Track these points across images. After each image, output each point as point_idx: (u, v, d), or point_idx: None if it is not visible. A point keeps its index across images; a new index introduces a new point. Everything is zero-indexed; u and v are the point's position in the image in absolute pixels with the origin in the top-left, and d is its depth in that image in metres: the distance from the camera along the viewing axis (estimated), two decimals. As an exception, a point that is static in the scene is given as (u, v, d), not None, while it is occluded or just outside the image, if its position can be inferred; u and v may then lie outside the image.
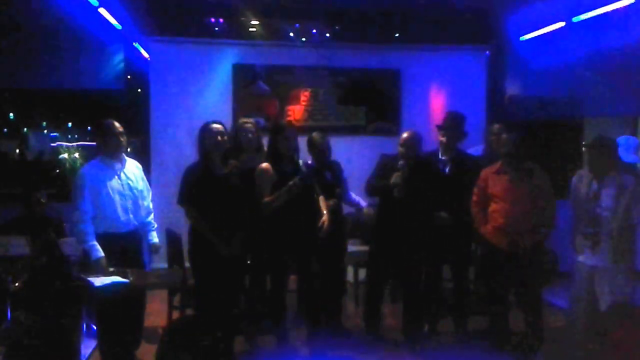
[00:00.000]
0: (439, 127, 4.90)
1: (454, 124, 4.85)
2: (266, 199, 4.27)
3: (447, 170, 4.84)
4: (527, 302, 4.67)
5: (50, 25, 7.30)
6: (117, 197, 4.33)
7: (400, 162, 4.55)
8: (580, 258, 4.23)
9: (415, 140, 4.63)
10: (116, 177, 4.37)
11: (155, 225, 4.66)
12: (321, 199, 4.54)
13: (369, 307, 4.92)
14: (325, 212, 4.50)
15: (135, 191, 4.45)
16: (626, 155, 4.60)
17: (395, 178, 4.51)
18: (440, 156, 4.88)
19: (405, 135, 4.71)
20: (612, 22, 5.89)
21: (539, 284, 4.61)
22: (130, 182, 4.43)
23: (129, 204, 4.40)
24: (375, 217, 4.91)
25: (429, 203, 4.59)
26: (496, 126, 5.34)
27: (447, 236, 4.76)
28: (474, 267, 5.45)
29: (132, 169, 4.52)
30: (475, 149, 5.81)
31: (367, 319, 4.92)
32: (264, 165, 4.36)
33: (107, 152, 4.39)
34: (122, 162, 4.45)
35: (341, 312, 5.16)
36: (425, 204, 4.59)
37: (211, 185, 4.13)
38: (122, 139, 4.40)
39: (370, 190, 4.84)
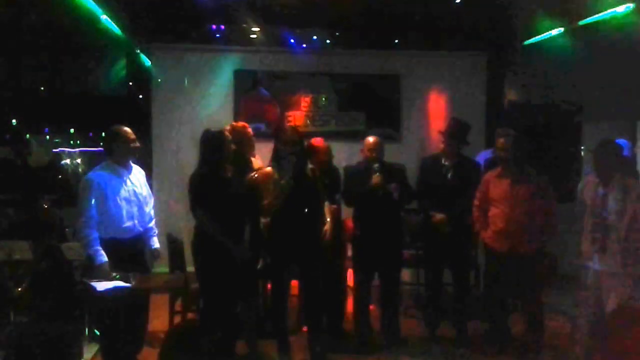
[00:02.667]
0: (444, 134, 4.92)
1: (460, 133, 4.88)
2: (265, 202, 4.31)
3: (449, 175, 4.86)
4: (528, 305, 4.69)
5: (53, 31, 7.35)
6: (123, 204, 4.32)
7: (375, 165, 4.70)
8: (588, 263, 4.15)
9: (382, 144, 4.85)
10: (123, 183, 4.36)
11: (156, 231, 4.67)
12: (326, 204, 4.58)
13: (358, 310, 4.94)
14: (329, 218, 4.53)
15: (140, 197, 4.46)
16: None
17: (375, 179, 4.64)
18: (443, 161, 4.91)
19: (372, 140, 4.85)
20: (611, 27, 5.92)
21: (539, 288, 4.62)
22: (135, 188, 4.43)
23: (135, 210, 4.39)
24: (355, 222, 4.95)
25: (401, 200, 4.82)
26: (499, 130, 5.37)
27: (448, 240, 4.78)
28: (474, 271, 5.48)
29: (136, 175, 4.53)
30: (485, 154, 5.84)
31: (356, 321, 4.95)
32: (266, 169, 4.41)
33: (115, 158, 4.37)
34: (129, 169, 4.46)
35: (343, 315, 5.17)
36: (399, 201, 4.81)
37: (224, 190, 4.16)
38: (135, 146, 4.41)
39: (351, 198, 4.92)
